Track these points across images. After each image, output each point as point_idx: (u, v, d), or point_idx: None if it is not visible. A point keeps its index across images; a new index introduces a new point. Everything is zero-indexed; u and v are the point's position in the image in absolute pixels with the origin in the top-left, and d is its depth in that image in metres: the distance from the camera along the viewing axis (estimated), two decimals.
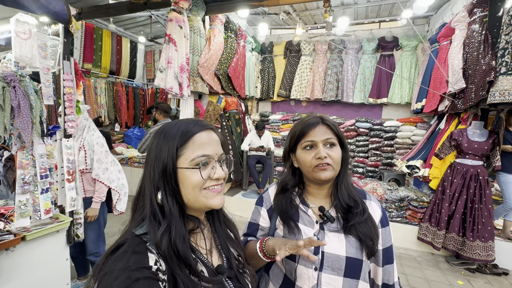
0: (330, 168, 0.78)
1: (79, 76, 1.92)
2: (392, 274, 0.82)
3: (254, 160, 4.29)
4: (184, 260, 0.54)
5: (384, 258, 0.81)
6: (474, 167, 2.82)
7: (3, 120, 1.38)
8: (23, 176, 1.51)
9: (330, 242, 0.78)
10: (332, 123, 0.83)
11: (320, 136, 0.80)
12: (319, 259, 0.77)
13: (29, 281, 1.54)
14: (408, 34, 4.59)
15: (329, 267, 0.77)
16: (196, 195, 0.60)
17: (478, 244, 2.70)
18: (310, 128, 0.81)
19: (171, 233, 0.55)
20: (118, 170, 2.16)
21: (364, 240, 0.76)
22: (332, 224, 0.80)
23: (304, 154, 0.82)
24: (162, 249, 0.53)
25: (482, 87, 2.70)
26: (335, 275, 0.76)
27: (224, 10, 3.49)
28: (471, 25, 2.99)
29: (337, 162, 0.80)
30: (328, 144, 0.80)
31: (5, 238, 1.44)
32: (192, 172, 0.59)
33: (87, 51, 4.97)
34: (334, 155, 0.79)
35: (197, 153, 0.59)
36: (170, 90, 2.99)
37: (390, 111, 4.92)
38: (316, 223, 0.82)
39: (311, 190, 0.87)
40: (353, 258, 0.76)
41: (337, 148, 0.81)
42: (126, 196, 2.19)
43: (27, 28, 1.50)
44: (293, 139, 0.85)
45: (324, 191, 0.85)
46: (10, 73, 1.42)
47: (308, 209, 0.85)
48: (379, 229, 0.80)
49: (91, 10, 2.61)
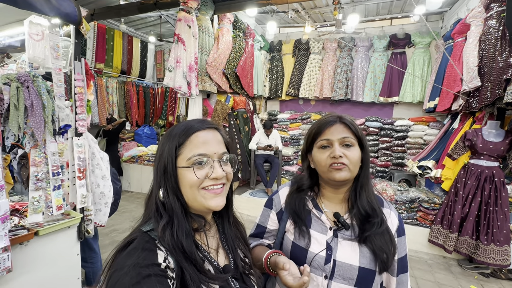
0: (346, 168, 0.74)
1: (90, 76, 1.97)
2: (406, 283, 0.78)
3: (262, 159, 4.29)
4: (190, 256, 0.55)
5: (399, 267, 0.77)
6: (489, 168, 2.72)
7: (17, 119, 1.43)
8: (36, 173, 1.56)
9: (343, 251, 0.75)
10: (351, 122, 0.78)
11: (336, 135, 0.76)
12: (330, 267, 0.74)
13: (42, 274, 1.59)
14: (421, 31, 4.46)
15: (340, 276, 0.73)
16: (194, 194, 0.60)
17: (493, 248, 2.61)
18: (326, 127, 0.78)
19: (173, 227, 0.56)
20: (102, 176, 1.94)
21: (378, 254, 0.72)
22: (347, 232, 0.76)
23: (319, 153, 0.78)
24: (166, 242, 0.54)
25: (498, 85, 2.59)
26: (346, 285, 0.73)
27: (232, 9, 3.49)
28: (488, 20, 2.88)
29: (354, 163, 0.75)
30: (345, 143, 0.76)
31: (19, 232, 1.49)
32: (188, 171, 0.59)
33: (99, 51, 5.08)
34: (351, 155, 0.74)
35: (193, 152, 0.59)
36: (179, 89, 3.02)
37: (401, 110, 4.80)
38: (330, 229, 0.78)
39: (326, 193, 0.83)
40: (366, 269, 0.73)
41: (355, 149, 0.76)
42: (107, 207, 1.98)
43: (40, 29, 1.55)
44: (309, 138, 0.82)
45: (341, 195, 0.81)
46: (24, 73, 1.47)
47: (322, 214, 0.81)
48: (395, 239, 0.76)
49: (103, 11, 2.68)
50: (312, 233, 0.79)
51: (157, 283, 0.47)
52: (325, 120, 0.79)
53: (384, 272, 0.76)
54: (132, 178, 5.22)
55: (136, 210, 4.07)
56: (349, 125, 0.77)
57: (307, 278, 0.62)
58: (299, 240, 0.79)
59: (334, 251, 0.75)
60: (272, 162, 4.30)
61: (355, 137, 0.77)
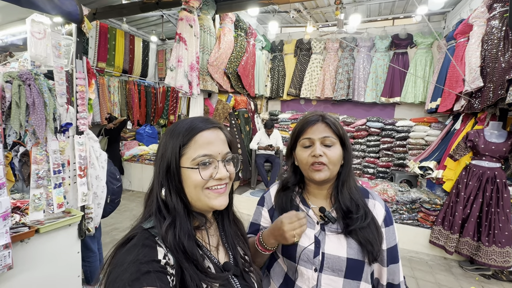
0: (325, 168, 0.77)
1: (91, 74, 1.97)
2: (398, 273, 0.80)
3: (263, 159, 4.28)
4: (191, 256, 0.55)
5: (389, 257, 0.79)
6: (491, 169, 2.70)
7: (19, 117, 1.44)
8: (37, 171, 1.57)
9: (331, 243, 0.77)
10: (332, 121, 0.80)
11: (317, 134, 0.79)
12: (319, 260, 0.76)
13: (42, 272, 1.60)
14: (423, 31, 4.44)
15: (329, 268, 0.75)
16: (198, 194, 0.60)
17: (494, 250, 2.59)
18: (308, 126, 0.81)
19: (176, 228, 0.56)
20: (96, 176, 1.88)
21: (365, 244, 0.74)
22: (333, 225, 0.79)
23: (302, 152, 0.81)
24: (168, 243, 0.54)
25: (501, 86, 2.58)
26: (336, 276, 0.75)
27: (234, 9, 3.49)
28: (491, 21, 2.86)
29: (334, 162, 0.78)
30: (325, 143, 0.78)
31: (20, 230, 1.50)
32: (193, 171, 0.59)
33: (101, 50, 5.09)
34: (331, 154, 0.77)
35: (198, 153, 0.58)
36: (180, 89, 3.03)
37: (403, 111, 4.79)
38: (317, 223, 0.81)
39: (311, 189, 0.86)
40: (354, 260, 0.75)
41: (336, 148, 0.78)
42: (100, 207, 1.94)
43: (42, 28, 1.56)
44: (293, 136, 0.85)
45: (324, 191, 0.84)
46: (25, 71, 1.47)
47: (309, 209, 0.84)
48: (382, 229, 0.78)
49: (106, 10, 2.68)
50: None
51: (156, 280, 0.47)
52: (307, 119, 0.82)
53: (375, 263, 0.77)
54: (133, 177, 5.24)
55: (137, 208, 4.08)
56: (330, 124, 0.80)
57: (302, 214, 0.74)
58: None
59: (322, 244, 0.77)
60: (273, 162, 4.30)
61: (336, 137, 0.79)
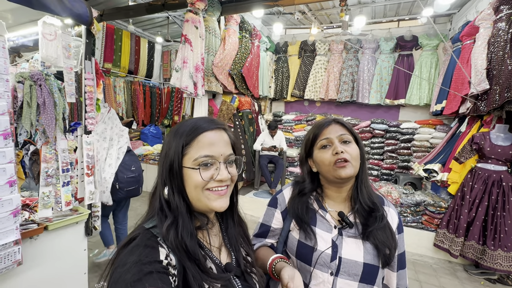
0: (350, 164, 0.77)
1: (99, 75, 2.01)
2: (405, 279, 0.83)
3: (266, 160, 4.29)
4: (193, 256, 0.55)
5: (399, 263, 0.81)
6: (497, 173, 2.68)
7: (29, 116, 1.47)
8: (47, 170, 1.60)
9: (348, 248, 0.78)
10: (345, 122, 0.84)
11: (334, 133, 0.81)
12: (336, 264, 0.77)
13: (50, 268, 1.63)
14: (428, 33, 4.42)
15: (345, 273, 0.76)
16: (198, 195, 0.59)
17: (500, 254, 2.57)
18: (323, 128, 0.83)
19: (178, 227, 0.56)
20: (109, 164, 2.11)
21: (381, 248, 0.75)
22: (351, 229, 0.80)
23: (321, 153, 0.82)
24: (170, 242, 0.54)
25: (507, 88, 2.56)
26: (351, 280, 0.76)
27: (239, 10, 3.51)
28: (497, 23, 2.85)
29: (355, 158, 0.79)
30: (343, 140, 0.80)
31: (29, 227, 1.53)
32: (194, 172, 0.59)
33: (107, 51, 5.16)
34: (351, 150, 0.79)
35: (200, 153, 0.59)
36: (185, 89, 3.06)
37: (407, 113, 4.76)
38: (334, 228, 0.81)
39: (330, 193, 0.86)
40: (370, 265, 0.76)
41: (354, 145, 0.81)
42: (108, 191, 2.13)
43: (53, 29, 1.59)
44: (308, 142, 0.86)
45: (344, 194, 0.84)
46: (37, 72, 1.51)
47: (326, 213, 0.84)
48: (396, 235, 0.80)
49: (112, 12, 2.71)
50: (318, 231, 0.81)
51: (158, 280, 0.47)
52: (321, 123, 0.85)
53: (385, 268, 0.79)
54: None
55: (141, 208, 4.11)
56: (344, 124, 0.84)
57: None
58: (306, 240, 0.81)
59: (340, 249, 0.78)
60: (277, 163, 4.30)
61: (351, 134, 0.82)
